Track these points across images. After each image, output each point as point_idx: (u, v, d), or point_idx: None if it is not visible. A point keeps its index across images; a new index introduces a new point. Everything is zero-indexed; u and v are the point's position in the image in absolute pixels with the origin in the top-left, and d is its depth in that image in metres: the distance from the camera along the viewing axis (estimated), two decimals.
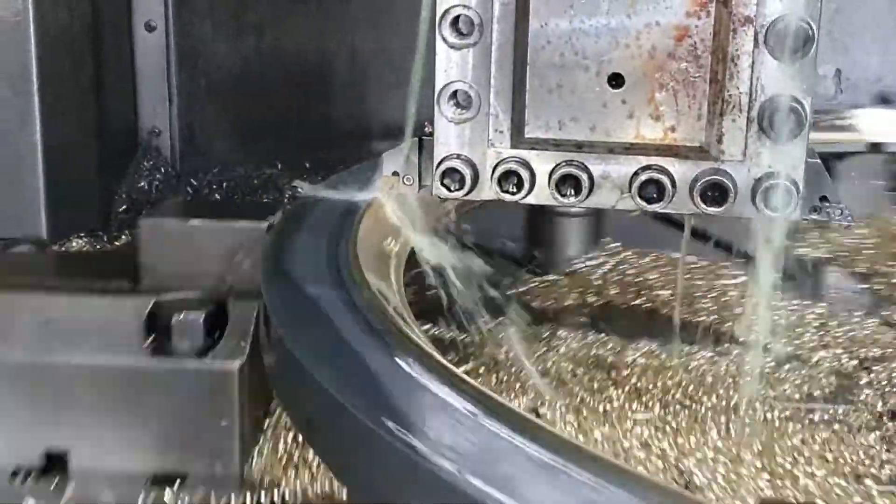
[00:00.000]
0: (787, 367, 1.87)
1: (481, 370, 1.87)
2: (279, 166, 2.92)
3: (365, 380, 1.16)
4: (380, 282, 1.48)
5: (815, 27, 1.25)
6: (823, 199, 1.37)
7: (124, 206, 2.55)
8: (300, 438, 1.63)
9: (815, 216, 1.36)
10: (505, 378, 1.84)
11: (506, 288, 2.11)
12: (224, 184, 2.74)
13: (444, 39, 1.34)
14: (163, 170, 2.66)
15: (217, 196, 2.69)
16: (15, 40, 2.30)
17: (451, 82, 1.36)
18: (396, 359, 1.17)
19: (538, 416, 1.71)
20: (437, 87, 1.36)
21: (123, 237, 2.44)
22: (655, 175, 1.33)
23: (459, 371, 1.21)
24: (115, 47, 2.57)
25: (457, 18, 1.34)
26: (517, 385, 1.82)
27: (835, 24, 3.16)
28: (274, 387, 1.50)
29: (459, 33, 1.34)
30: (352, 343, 1.23)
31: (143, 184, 2.62)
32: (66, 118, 2.40)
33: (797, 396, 1.80)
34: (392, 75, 3.37)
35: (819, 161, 1.36)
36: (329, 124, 3.26)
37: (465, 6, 1.33)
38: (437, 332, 1.90)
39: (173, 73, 2.66)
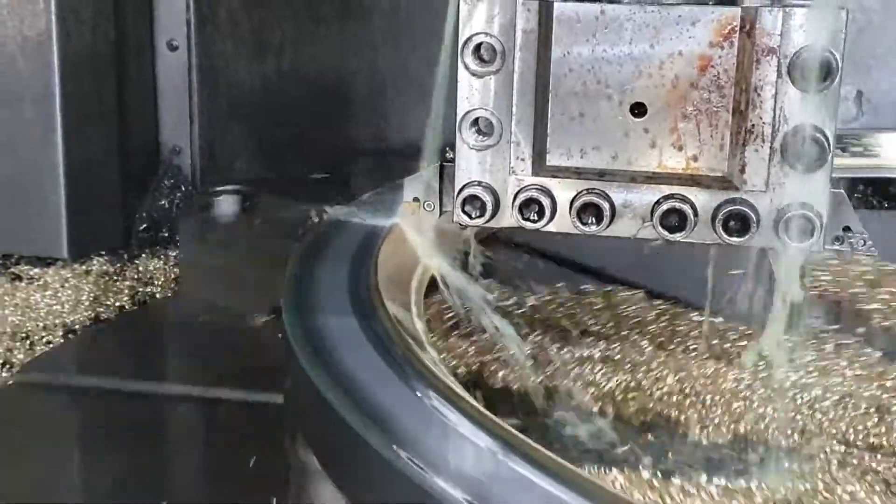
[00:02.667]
0: None
1: None
2: (299, 185, 2.93)
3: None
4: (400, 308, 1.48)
5: (839, 58, 1.25)
6: (847, 229, 1.36)
7: (145, 225, 2.55)
8: None
9: (838, 246, 1.35)
10: None
11: None
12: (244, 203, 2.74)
13: (467, 67, 1.34)
14: (183, 188, 2.67)
15: None
16: (38, 60, 2.32)
17: (473, 109, 1.36)
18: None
19: None
20: (459, 115, 1.36)
21: (143, 255, 2.45)
22: (677, 204, 1.32)
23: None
24: (138, 66, 2.58)
25: (479, 46, 1.33)
26: None
27: (857, 45, 3.15)
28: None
29: (481, 61, 1.34)
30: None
31: (163, 202, 2.62)
32: (88, 137, 2.41)
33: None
34: (412, 94, 3.38)
35: (842, 191, 1.36)
36: (349, 143, 3.27)
37: (487, 34, 1.33)
38: None
39: (195, 91, 2.67)
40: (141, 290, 2.29)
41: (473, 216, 1.37)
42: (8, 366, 1.90)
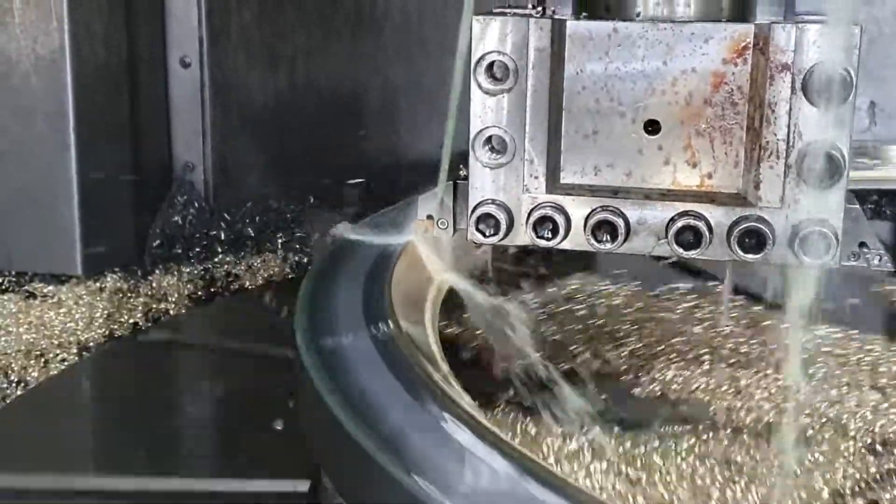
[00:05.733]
0: None
1: None
2: (312, 200, 2.93)
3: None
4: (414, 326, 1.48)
5: (853, 73, 1.24)
6: (862, 245, 1.35)
7: (158, 241, 2.56)
8: None
9: (853, 262, 1.35)
10: None
11: None
12: (257, 218, 2.74)
13: (479, 85, 1.35)
14: (196, 204, 2.67)
15: (250, 230, 2.70)
16: (51, 77, 2.32)
17: (486, 127, 1.36)
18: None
19: None
20: (472, 133, 1.36)
21: (157, 272, 2.45)
22: (692, 221, 1.32)
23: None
24: (151, 83, 2.59)
25: (492, 64, 1.34)
26: None
27: (870, 56, 3.14)
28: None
29: (494, 79, 1.34)
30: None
31: (176, 218, 2.62)
32: (101, 154, 2.42)
33: None
34: (425, 108, 3.38)
35: (858, 206, 1.35)
36: (362, 157, 3.27)
37: (500, 52, 1.33)
38: None
39: (207, 107, 2.67)
40: (154, 306, 2.29)
41: (487, 234, 1.37)
42: (23, 384, 1.90)
